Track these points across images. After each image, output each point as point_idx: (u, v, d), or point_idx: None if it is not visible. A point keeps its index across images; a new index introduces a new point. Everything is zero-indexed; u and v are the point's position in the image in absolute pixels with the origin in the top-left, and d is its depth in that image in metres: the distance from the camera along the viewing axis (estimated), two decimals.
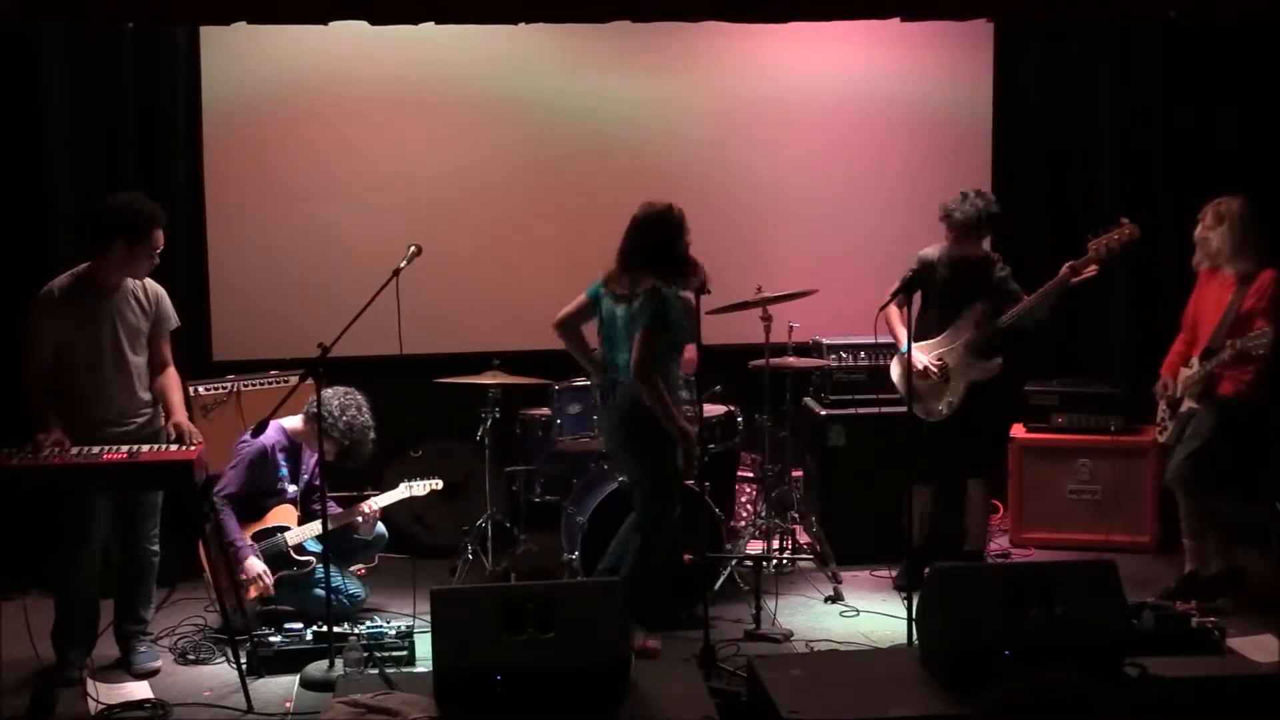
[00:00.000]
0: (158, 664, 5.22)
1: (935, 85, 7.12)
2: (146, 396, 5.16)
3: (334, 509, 5.57)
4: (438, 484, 5.93)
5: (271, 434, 5.55)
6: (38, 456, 4.73)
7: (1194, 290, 5.80)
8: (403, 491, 5.82)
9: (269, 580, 5.40)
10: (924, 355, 5.78)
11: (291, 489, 5.70)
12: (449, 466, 6.68)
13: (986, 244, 5.87)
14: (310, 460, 5.69)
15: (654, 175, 6.91)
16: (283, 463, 5.63)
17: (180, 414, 5.15)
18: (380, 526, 5.80)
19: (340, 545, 5.54)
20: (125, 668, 5.19)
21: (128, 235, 5.01)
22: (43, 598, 5.37)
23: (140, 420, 5.14)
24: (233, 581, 5.26)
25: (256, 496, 5.60)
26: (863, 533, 6.19)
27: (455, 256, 6.64)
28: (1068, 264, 5.67)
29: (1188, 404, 5.64)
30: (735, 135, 7.06)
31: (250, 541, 5.47)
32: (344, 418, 5.47)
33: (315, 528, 5.47)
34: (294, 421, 5.64)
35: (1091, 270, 5.64)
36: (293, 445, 5.67)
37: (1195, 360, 5.62)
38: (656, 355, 5.03)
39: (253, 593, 5.37)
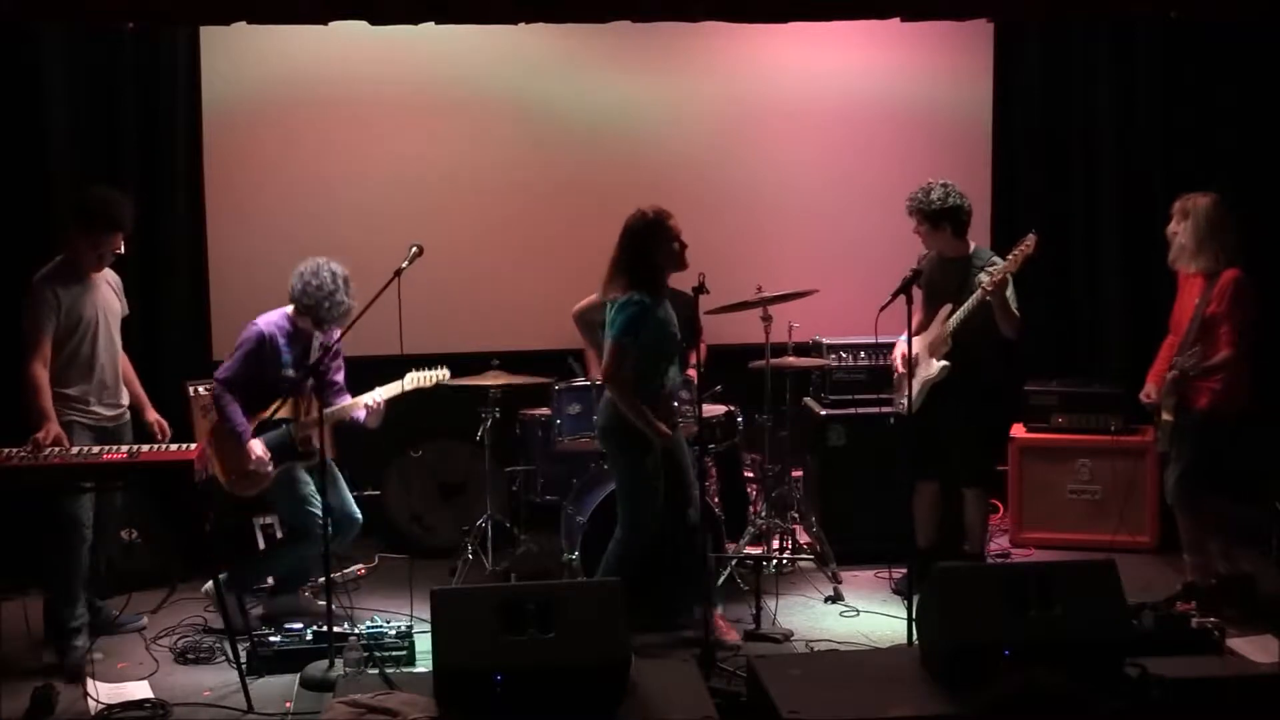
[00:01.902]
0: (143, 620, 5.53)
1: (935, 85, 7.12)
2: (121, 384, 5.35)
3: (344, 398, 5.52)
4: (444, 373, 5.71)
5: (274, 318, 5.50)
6: (38, 456, 4.74)
7: (1177, 291, 5.78)
8: (407, 383, 5.60)
9: (268, 465, 5.33)
10: (900, 349, 5.80)
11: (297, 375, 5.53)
12: (449, 466, 6.69)
13: (972, 244, 5.83)
14: (319, 342, 5.53)
15: (654, 175, 6.92)
16: (284, 348, 5.49)
17: (151, 408, 5.46)
18: (353, 509, 5.62)
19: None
20: (105, 627, 5.39)
21: (82, 226, 5.13)
22: (41, 598, 5.38)
23: (124, 405, 5.30)
24: (233, 469, 5.25)
25: (262, 384, 5.49)
26: (863, 533, 6.19)
27: (456, 256, 6.64)
28: (986, 274, 5.58)
29: (1164, 415, 5.58)
30: (735, 135, 7.06)
31: (249, 427, 5.41)
32: (299, 282, 5.37)
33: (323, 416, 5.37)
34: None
35: (998, 278, 5.51)
36: (296, 330, 5.53)
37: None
38: (625, 362, 5.04)
39: (251, 481, 5.35)
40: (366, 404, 5.50)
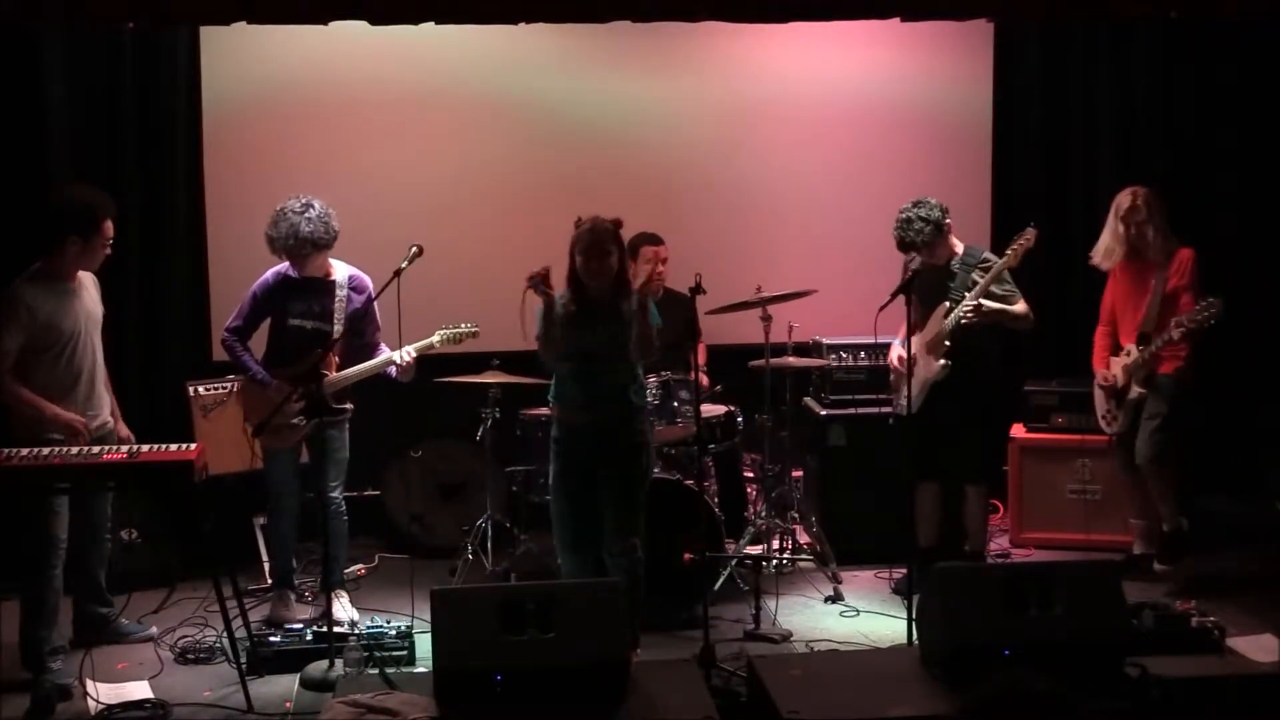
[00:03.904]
0: (153, 630, 5.48)
1: (935, 85, 7.12)
2: (105, 390, 5.30)
3: (384, 350, 5.53)
4: (475, 328, 5.68)
5: (278, 267, 5.55)
6: (37, 456, 4.73)
7: (1109, 282, 5.98)
8: (437, 339, 5.59)
9: (298, 401, 5.32)
10: (897, 350, 5.82)
11: (334, 329, 5.50)
12: (449, 466, 6.69)
13: (959, 245, 5.83)
14: (341, 298, 5.52)
15: (654, 175, 6.93)
16: (291, 298, 5.50)
17: (122, 423, 5.36)
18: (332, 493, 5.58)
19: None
20: (113, 637, 5.39)
21: (82, 230, 5.05)
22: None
23: (105, 413, 5.23)
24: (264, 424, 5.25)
25: (274, 336, 5.53)
26: (863, 533, 6.19)
27: (455, 256, 6.64)
28: (979, 273, 5.68)
29: (1136, 391, 5.77)
30: (735, 135, 7.06)
31: (265, 372, 5.49)
32: (268, 225, 5.43)
33: (353, 372, 5.40)
34: None
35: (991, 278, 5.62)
36: (303, 280, 5.52)
37: (1131, 348, 5.78)
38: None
39: (284, 436, 5.38)
40: (396, 362, 5.50)
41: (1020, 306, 5.73)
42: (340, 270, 5.58)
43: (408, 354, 5.50)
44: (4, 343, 4.95)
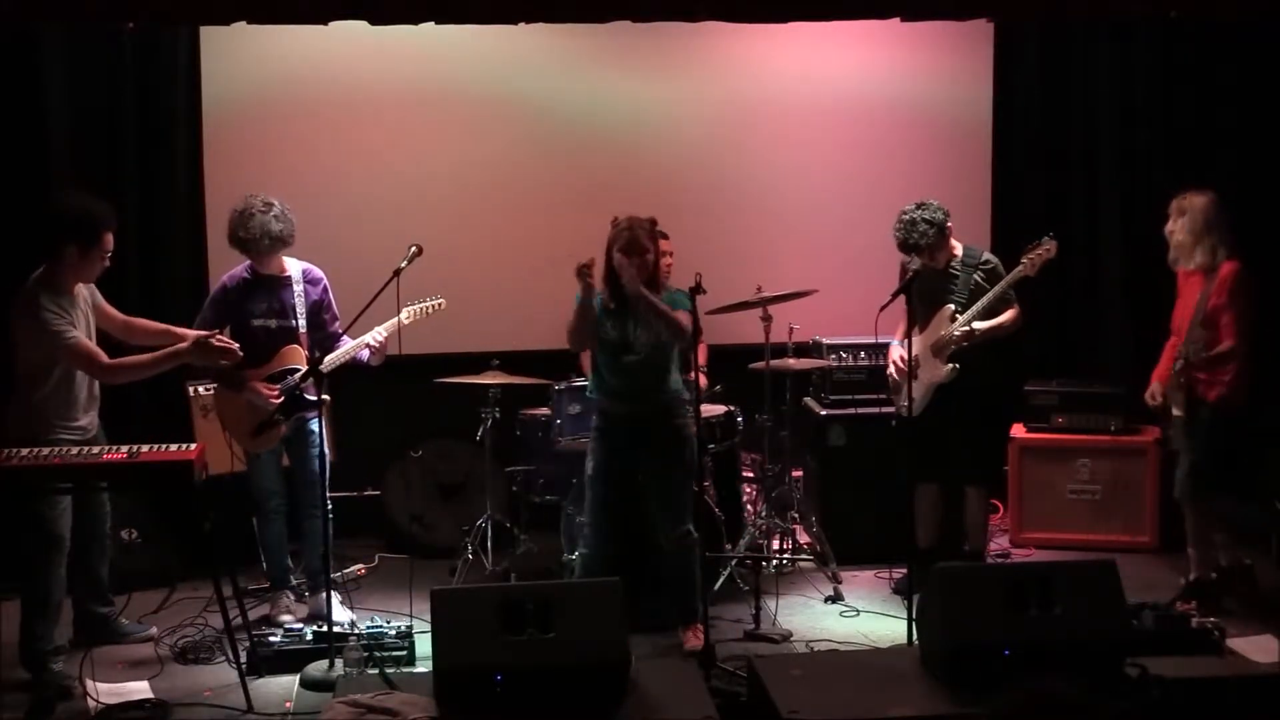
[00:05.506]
0: (153, 630, 5.48)
1: (935, 85, 7.12)
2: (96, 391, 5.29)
3: (346, 341, 5.52)
4: (441, 302, 5.72)
5: (234, 270, 5.56)
6: (37, 456, 4.72)
7: (1177, 293, 5.82)
8: (404, 317, 5.56)
9: (272, 393, 5.39)
10: (897, 352, 5.82)
11: (297, 324, 5.54)
12: (449, 466, 6.69)
13: (959, 247, 5.83)
14: (299, 292, 5.55)
15: (654, 175, 6.93)
16: (250, 298, 5.50)
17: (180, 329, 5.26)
18: (311, 473, 5.53)
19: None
20: (113, 637, 5.38)
21: (80, 240, 5.01)
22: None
23: (97, 423, 5.22)
24: (245, 428, 5.29)
25: (239, 338, 5.50)
26: (863, 533, 6.19)
27: (455, 256, 6.64)
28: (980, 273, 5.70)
29: (1175, 411, 5.63)
30: (735, 135, 7.06)
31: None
32: (242, 223, 5.44)
33: (327, 360, 5.37)
34: None
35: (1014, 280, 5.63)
36: (260, 279, 5.53)
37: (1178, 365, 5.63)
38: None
39: (266, 438, 5.41)
40: (369, 344, 5.51)
41: (1006, 317, 5.72)
42: (294, 266, 5.60)
43: (379, 335, 5.51)
44: (80, 342, 4.94)
